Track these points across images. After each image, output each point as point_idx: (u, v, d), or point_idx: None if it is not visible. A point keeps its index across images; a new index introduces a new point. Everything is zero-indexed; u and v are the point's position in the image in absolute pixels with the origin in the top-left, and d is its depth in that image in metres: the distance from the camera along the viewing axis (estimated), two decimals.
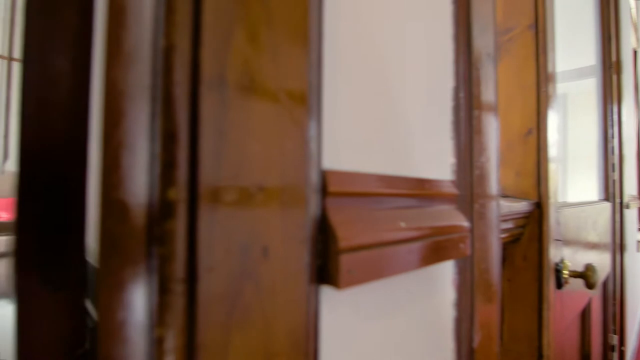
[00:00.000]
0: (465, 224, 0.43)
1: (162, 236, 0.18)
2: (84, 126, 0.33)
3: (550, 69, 0.83)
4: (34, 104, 0.32)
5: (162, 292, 0.18)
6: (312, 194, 0.25)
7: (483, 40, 0.50)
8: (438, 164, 0.42)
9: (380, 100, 0.34)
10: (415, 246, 0.34)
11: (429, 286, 0.40)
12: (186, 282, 0.18)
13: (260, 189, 0.21)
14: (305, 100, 0.24)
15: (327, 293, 0.27)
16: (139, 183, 0.20)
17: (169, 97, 0.18)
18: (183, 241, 0.18)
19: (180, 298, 0.18)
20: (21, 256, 0.31)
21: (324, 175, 0.27)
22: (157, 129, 0.18)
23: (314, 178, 0.25)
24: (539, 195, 0.77)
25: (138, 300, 0.20)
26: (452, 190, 0.42)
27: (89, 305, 0.35)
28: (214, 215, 0.19)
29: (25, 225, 0.31)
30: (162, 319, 0.18)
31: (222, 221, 0.20)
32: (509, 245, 0.77)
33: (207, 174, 0.19)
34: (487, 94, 0.50)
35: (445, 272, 0.43)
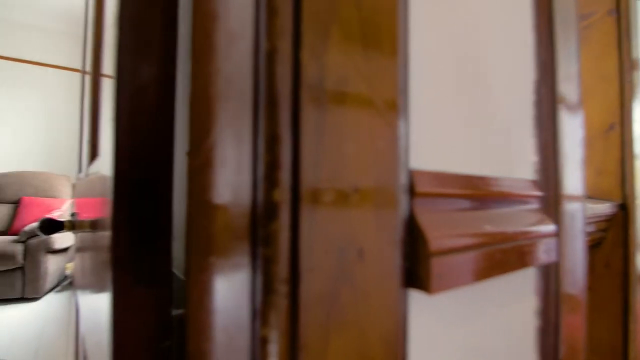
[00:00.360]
0: (551, 227, 0.40)
1: (267, 237, 0.18)
2: (170, 131, 0.35)
3: (634, 55, 0.75)
4: (126, 113, 0.34)
5: (267, 292, 0.18)
6: (401, 194, 0.24)
7: (565, 30, 0.47)
8: (520, 162, 0.40)
9: (463, 99, 0.32)
10: (501, 250, 0.32)
11: (510, 293, 0.38)
12: (289, 283, 0.18)
13: (355, 190, 0.21)
14: (395, 99, 0.23)
15: (413, 297, 0.26)
16: (241, 185, 0.20)
17: (272, 100, 0.18)
18: (286, 242, 0.18)
19: (284, 299, 0.18)
20: (117, 253, 0.33)
21: (412, 176, 0.26)
22: (261, 131, 0.19)
23: (403, 179, 0.25)
24: (624, 196, 0.70)
25: (237, 300, 0.21)
26: (535, 190, 0.40)
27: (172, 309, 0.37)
28: (313, 216, 0.19)
29: (119, 224, 0.34)
30: (266, 319, 0.18)
31: (321, 222, 0.20)
32: (589, 251, 0.71)
33: (308, 176, 0.19)
34: (571, 86, 0.47)
35: (527, 278, 0.40)
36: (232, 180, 0.22)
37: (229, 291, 0.22)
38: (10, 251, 2.64)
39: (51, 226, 0.93)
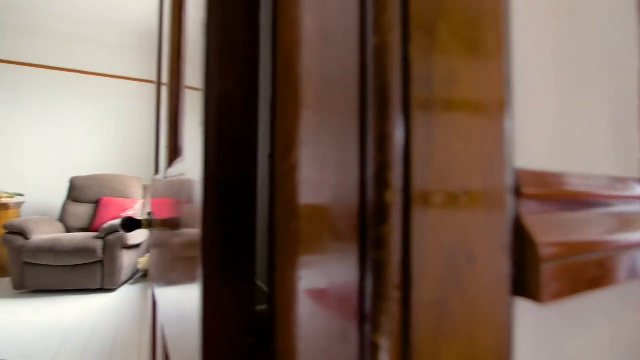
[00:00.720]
0: None
1: (378, 240, 0.18)
2: (254, 134, 0.36)
3: None
4: (214, 119, 0.36)
5: (378, 297, 0.18)
6: (508, 196, 0.23)
7: None
8: (625, 160, 0.36)
9: (565, 93, 0.30)
10: (614, 257, 0.29)
11: (619, 306, 0.34)
12: (401, 288, 0.18)
13: (464, 191, 0.20)
14: (502, 95, 0.22)
15: (519, 305, 0.25)
16: (345, 186, 0.20)
17: (383, 97, 0.18)
18: (398, 245, 0.18)
19: (396, 304, 0.18)
20: (206, 251, 0.35)
21: (518, 176, 0.24)
22: (370, 129, 0.18)
23: (509, 179, 0.23)
24: None
25: (340, 304, 0.21)
26: None
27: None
28: (424, 218, 0.18)
29: (209, 224, 0.35)
30: (378, 325, 0.18)
31: (431, 225, 0.19)
32: None
33: (419, 176, 0.18)
34: None
35: (637, 289, 0.36)
36: (334, 181, 0.21)
37: (329, 294, 0.22)
38: (92, 246, 2.91)
39: (131, 224, 1.00)
